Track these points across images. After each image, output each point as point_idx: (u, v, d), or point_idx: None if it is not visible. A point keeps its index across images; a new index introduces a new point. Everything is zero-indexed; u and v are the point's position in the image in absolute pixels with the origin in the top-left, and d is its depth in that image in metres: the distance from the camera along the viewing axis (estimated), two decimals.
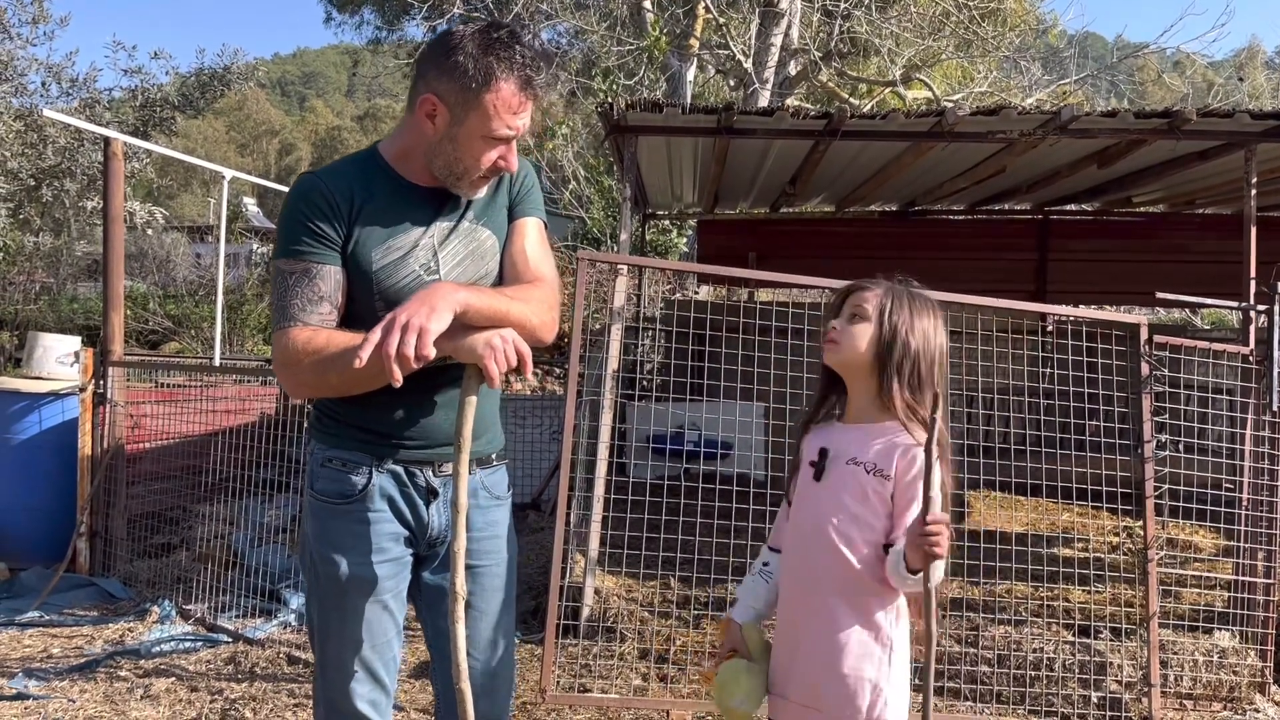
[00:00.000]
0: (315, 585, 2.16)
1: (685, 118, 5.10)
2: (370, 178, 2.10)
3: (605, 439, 4.55)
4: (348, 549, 2.10)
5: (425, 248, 2.10)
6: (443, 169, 2.08)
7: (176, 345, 17.41)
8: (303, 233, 2.03)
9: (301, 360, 2.00)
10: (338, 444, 2.13)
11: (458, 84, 1.98)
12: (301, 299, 2.02)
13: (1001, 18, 15.35)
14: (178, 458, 6.16)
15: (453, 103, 2.00)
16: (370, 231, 2.06)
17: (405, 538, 2.16)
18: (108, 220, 5.94)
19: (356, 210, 2.05)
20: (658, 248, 14.37)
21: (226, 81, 17.41)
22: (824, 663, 2.01)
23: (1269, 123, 4.82)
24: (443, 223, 2.13)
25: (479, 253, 2.15)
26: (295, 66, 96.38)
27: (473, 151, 2.03)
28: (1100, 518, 5.93)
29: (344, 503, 2.11)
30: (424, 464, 2.14)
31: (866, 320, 2.07)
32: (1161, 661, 4.12)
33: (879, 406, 2.06)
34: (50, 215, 16.77)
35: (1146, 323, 4.33)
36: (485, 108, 1.99)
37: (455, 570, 1.98)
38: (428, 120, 2.03)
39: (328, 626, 2.15)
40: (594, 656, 4.29)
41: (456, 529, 1.99)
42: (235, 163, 41.65)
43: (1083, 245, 9.20)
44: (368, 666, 2.15)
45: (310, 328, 2.01)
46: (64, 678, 4.24)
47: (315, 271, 2.03)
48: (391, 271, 2.06)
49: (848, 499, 2.02)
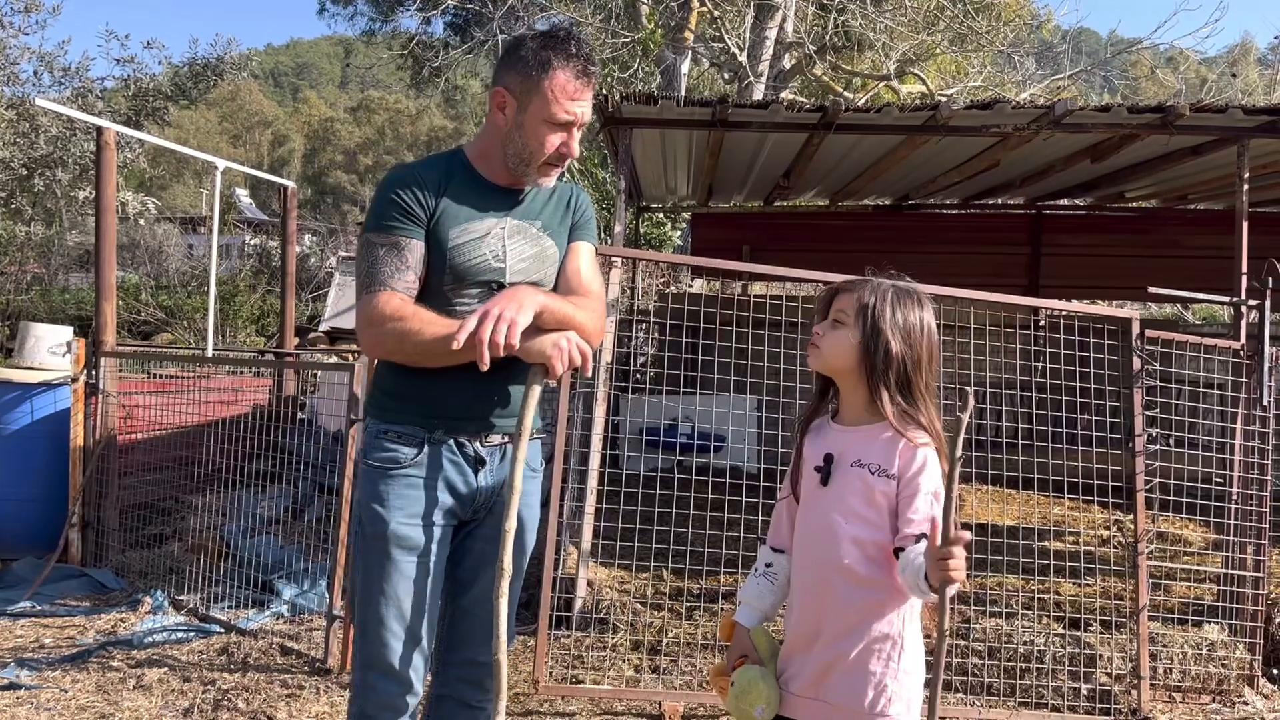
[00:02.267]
0: (362, 545, 2.31)
1: (680, 110, 5.10)
2: (454, 170, 2.35)
3: (598, 431, 4.55)
4: (395, 509, 2.27)
5: (496, 237, 2.33)
6: (514, 157, 2.31)
7: (169, 336, 17.37)
8: (395, 210, 2.26)
9: (386, 324, 2.20)
10: (393, 419, 2.31)
11: (521, 75, 2.26)
12: (390, 267, 2.24)
13: (996, 12, 15.37)
14: (170, 448, 6.15)
15: (518, 92, 2.27)
16: (451, 213, 2.29)
17: (450, 508, 2.33)
18: (100, 210, 5.92)
19: (441, 194, 2.29)
20: (652, 240, 14.38)
21: (219, 72, 17.36)
22: (834, 658, 2.02)
23: (1262, 118, 4.84)
24: (514, 220, 2.37)
25: (542, 257, 2.39)
26: (288, 57, 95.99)
27: (538, 135, 2.27)
28: (1091, 511, 5.95)
29: (395, 468, 2.29)
30: (473, 434, 2.33)
31: (846, 325, 2.06)
32: (1151, 654, 4.15)
33: (873, 410, 2.06)
34: (42, 205, 16.72)
35: (1138, 317, 4.34)
36: (545, 93, 2.24)
37: (504, 548, 2.18)
38: (499, 112, 2.30)
39: (371, 586, 2.27)
40: (587, 648, 4.30)
41: (510, 509, 2.19)
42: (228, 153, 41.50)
43: (1076, 240, 9.22)
44: (409, 627, 2.27)
45: (399, 295, 2.23)
46: (56, 668, 4.24)
47: (404, 245, 2.26)
48: (465, 251, 2.29)
49: (856, 502, 2.03)
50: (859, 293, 2.09)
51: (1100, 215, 9.28)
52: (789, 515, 2.19)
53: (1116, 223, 9.23)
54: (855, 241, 9.08)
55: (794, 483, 2.18)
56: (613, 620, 4.49)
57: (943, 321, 2.19)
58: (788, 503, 2.20)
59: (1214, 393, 4.74)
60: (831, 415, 2.17)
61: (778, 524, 2.23)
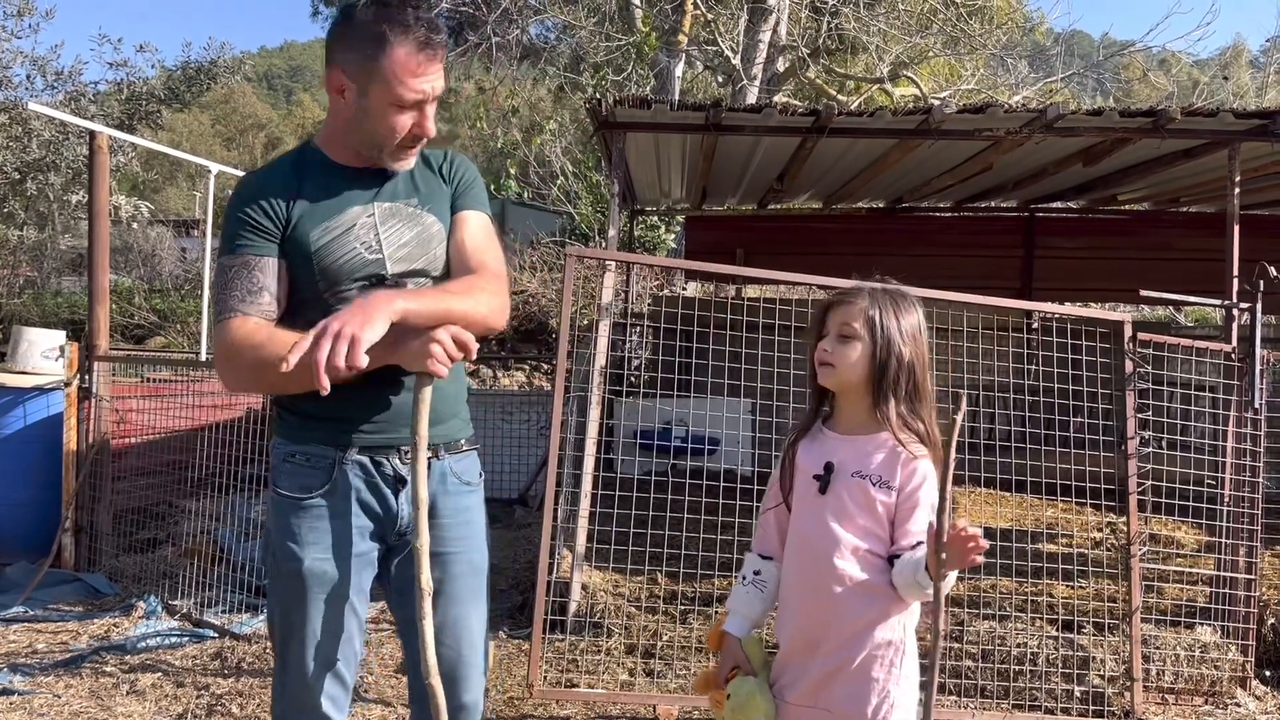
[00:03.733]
0: (277, 582, 2.15)
1: (673, 114, 5.11)
2: (304, 166, 2.14)
3: (593, 434, 4.55)
4: (309, 545, 2.10)
5: (366, 226, 2.11)
6: (364, 143, 2.10)
7: (162, 340, 17.33)
8: (240, 228, 2.06)
9: (241, 354, 2.01)
10: (300, 439, 2.13)
11: (356, 55, 2.02)
12: (241, 290, 2.04)
13: (988, 15, 15.42)
14: (164, 453, 6.14)
15: (356, 75, 2.04)
16: (308, 214, 2.08)
17: (371, 531, 2.16)
18: (93, 214, 5.92)
19: (293, 198, 2.08)
20: (646, 244, 14.38)
21: (213, 75, 17.31)
22: (835, 667, 2.02)
23: (1252, 122, 4.86)
24: (384, 203, 2.14)
25: (424, 238, 2.16)
26: (282, 60, 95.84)
27: (386, 120, 2.05)
28: (1084, 513, 5.97)
29: (306, 497, 2.11)
30: (388, 449, 2.13)
31: (857, 338, 2.05)
32: (1144, 656, 4.16)
33: (873, 418, 2.06)
34: (35, 209, 16.67)
35: (1130, 320, 4.36)
36: (386, 75, 2.01)
37: (420, 566, 2.00)
38: (339, 97, 2.07)
39: (289, 624, 2.13)
40: (581, 652, 4.30)
41: (419, 525, 2.00)
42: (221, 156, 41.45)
43: (1069, 242, 9.24)
44: (329, 664, 2.13)
45: (251, 319, 2.03)
46: (49, 673, 4.23)
47: (254, 263, 2.05)
48: (332, 249, 2.08)
49: (855, 511, 2.03)
50: (861, 304, 2.07)
51: (1093, 218, 9.30)
52: (779, 523, 2.18)
53: (1109, 225, 9.24)
54: (849, 244, 9.08)
55: (784, 491, 2.17)
56: (607, 624, 4.49)
57: (937, 325, 2.20)
58: (777, 511, 2.19)
59: (1206, 395, 4.75)
60: (823, 421, 2.17)
61: (766, 532, 2.21)
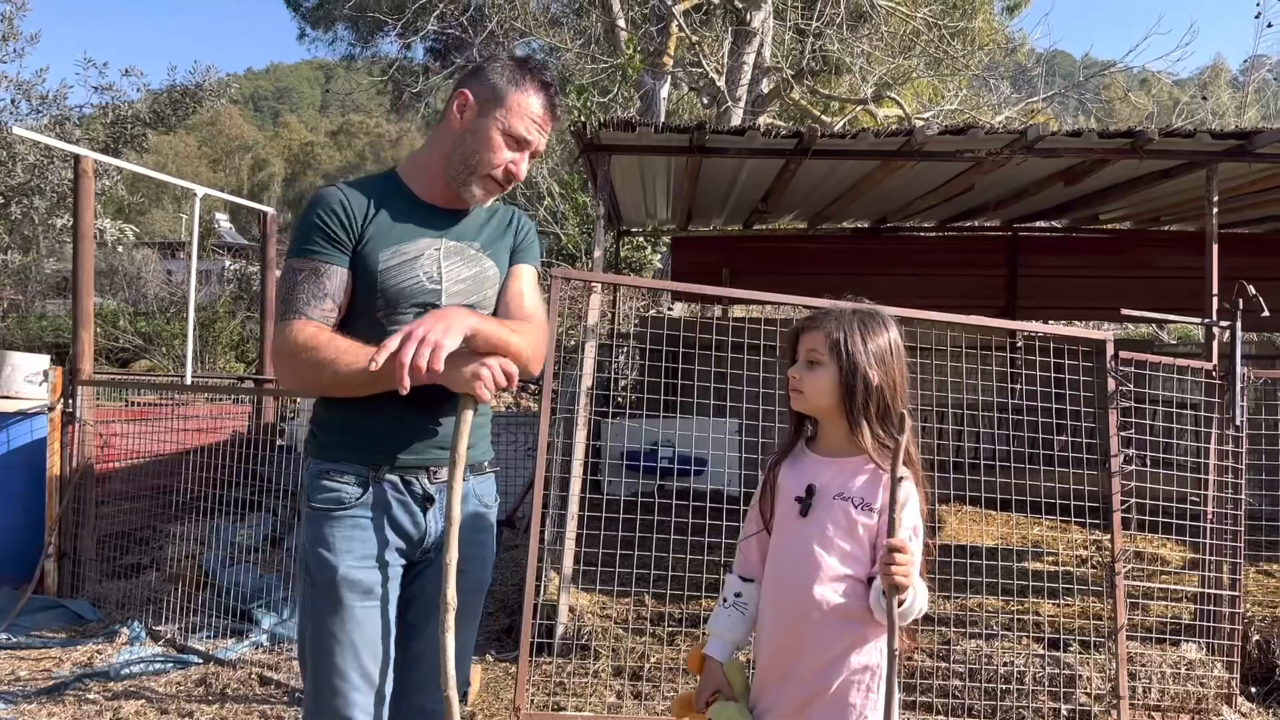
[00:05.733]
0: (311, 592, 2.18)
1: (658, 137, 5.14)
2: (386, 191, 2.26)
3: (580, 456, 4.55)
4: (343, 553, 2.14)
5: (431, 258, 2.22)
6: (459, 163, 2.23)
7: (147, 363, 17.27)
8: (316, 234, 2.16)
9: (299, 353, 2.10)
10: (334, 457, 2.20)
11: (490, 82, 2.22)
12: (307, 294, 2.14)
13: (970, 36, 15.55)
14: (148, 477, 6.11)
15: (483, 97, 2.21)
16: (381, 235, 2.19)
17: (401, 548, 2.22)
18: (77, 237, 5.91)
19: (370, 217, 2.20)
20: (632, 264, 14.42)
21: (199, 98, 17.35)
22: (814, 691, 2.02)
23: (1230, 142, 4.92)
24: (450, 241, 2.26)
25: (480, 278, 2.28)
26: (269, 82, 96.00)
27: (492, 145, 2.20)
28: (1070, 531, 5.99)
29: (340, 509, 2.17)
30: (419, 470, 2.21)
31: (823, 364, 2.07)
32: (1130, 674, 4.17)
33: (854, 441, 2.06)
34: (19, 232, 16.63)
35: (1112, 338, 4.39)
36: (511, 104, 2.20)
37: (447, 581, 2.04)
38: (457, 113, 2.23)
39: (323, 633, 2.14)
40: (568, 674, 4.28)
41: (449, 542, 2.05)
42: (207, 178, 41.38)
43: (1051, 261, 9.31)
44: (364, 673, 2.14)
45: (314, 323, 2.12)
46: (32, 700, 4.19)
47: (323, 270, 2.15)
48: (397, 273, 2.18)
49: (837, 534, 2.03)
50: (826, 328, 2.08)
51: (1075, 237, 9.38)
52: (760, 546, 2.18)
53: (1091, 244, 9.32)
54: (834, 264, 9.14)
55: (764, 517, 2.18)
56: (594, 646, 4.47)
57: (920, 344, 2.21)
58: (759, 535, 2.19)
59: (1188, 412, 4.79)
60: (806, 443, 2.18)
61: (747, 554, 2.22)
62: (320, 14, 23.31)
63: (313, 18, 23.69)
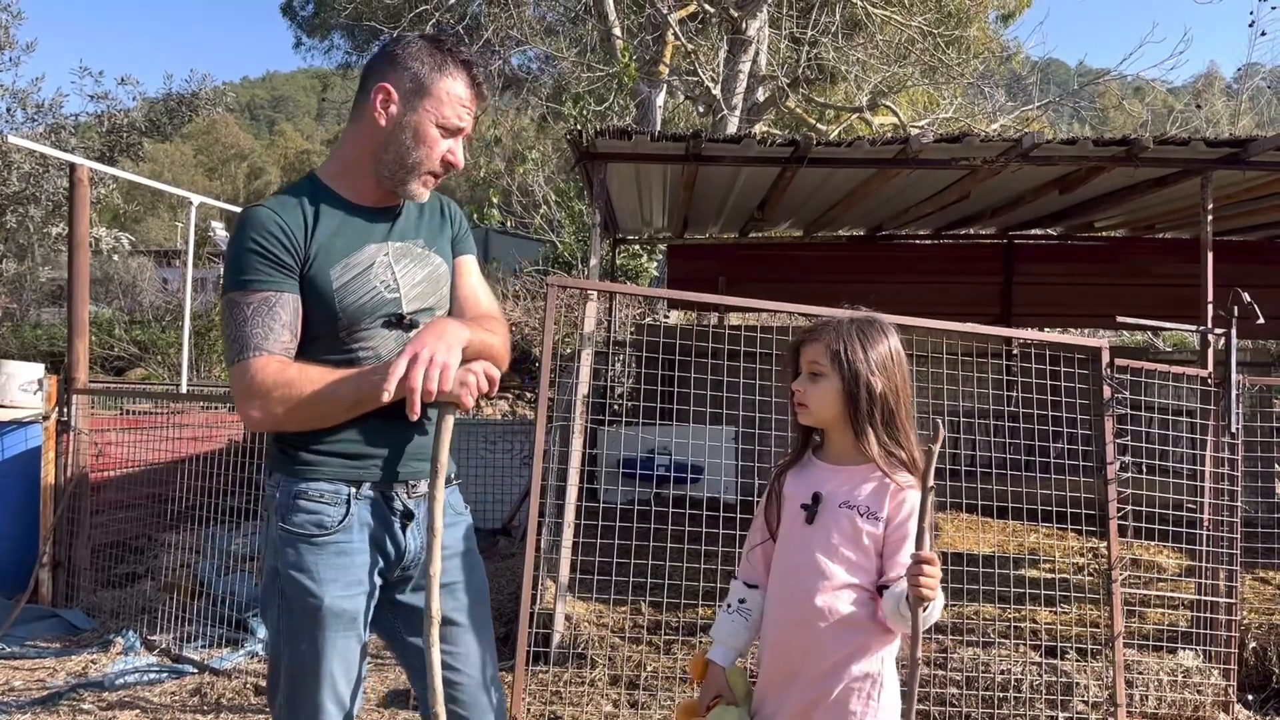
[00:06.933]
0: (288, 621, 2.06)
1: (654, 145, 5.15)
2: (317, 201, 2.10)
3: (576, 464, 4.55)
4: (328, 582, 2.03)
5: (383, 264, 2.10)
6: (392, 163, 2.09)
7: (143, 371, 17.23)
8: (257, 261, 2.00)
9: (272, 392, 1.97)
10: (312, 475, 2.07)
11: (411, 72, 2.06)
12: (264, 328, 1.98)
13: (966, 45, 15.61)
14: (143, 486, 6.09)
15: (407, 90, 2.06)
16: (326, 251, 2.05)
17: (380, 568, 2.13)
18: (72, 246, 5.90)
19: (310, 233, 2.05)
20: (628, 272, 14.44)
21: (194, 107, 17.37)
22: (815, 697, 2.02)
23: (1224, 150, 4.93)
24: (396, 243, 2.15)
25: (434, 277, 2.19)
26: (264, 90, 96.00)
27: (427, 139, 2.08)
28: (1066, 539, 5.99)
29: (321, 533, 2.04)
30: (398, 484, 2.12)
31: (826, 375, 2.07)
32: (1127, 681, 4.17)
33: (860, 450, 2.06)
34: (14, 241, 16.62)
35: (1108, 346, 4.40)
36: (439, 94, 2.07)
37: (430, 594, 1.97)
38: (380, 110, 2.07)
39: (301, 664, 2.06)
40: (565, 683, 4.27)
41: (432, 552, 1.98)
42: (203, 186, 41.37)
43: (1047, 269, 9.32)
44: (340, 702, 2.08)
45: (277, 357, 1.99)
46: (26, 711, 4.17)
47: (274, 300, 2.00)
48: (353, 288, 2.06)
49: (841, 542, 2.03)
50: (826, 340, 2.08)
51: (1071, 245, 9.40)
52: (765, 554, 2.18)
53: (1087, 252, 9.34)
54: (830, 272, 9.15)
55: (770, 526, 2.17)
56: (591, 655, 4.46)
57: (917, 352, 2.21)
58: (764, 544, 2.19)
59: (1184, 420, 4.79)
60: (813, 451, 2.18)
61: (750, 560, 2.22)
62: (316, 23, 23.38)
63: (309, 26, 23.76)
